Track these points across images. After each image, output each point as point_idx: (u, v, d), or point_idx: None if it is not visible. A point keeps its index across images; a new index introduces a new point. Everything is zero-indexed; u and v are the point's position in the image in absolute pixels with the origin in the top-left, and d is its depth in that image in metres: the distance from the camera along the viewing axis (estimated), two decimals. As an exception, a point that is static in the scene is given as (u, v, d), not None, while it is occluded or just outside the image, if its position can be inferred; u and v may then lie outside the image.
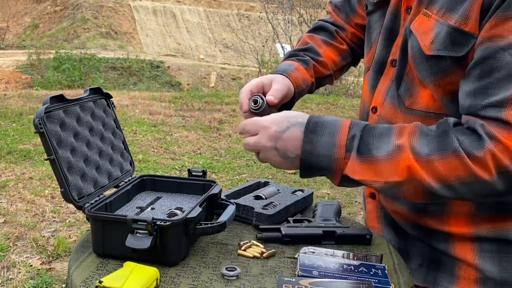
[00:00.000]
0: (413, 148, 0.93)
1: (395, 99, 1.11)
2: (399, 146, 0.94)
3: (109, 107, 1.29)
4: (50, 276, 3.01)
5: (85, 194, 1.09)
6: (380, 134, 0.97)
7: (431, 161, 0.91)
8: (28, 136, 5.95)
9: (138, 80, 16.72)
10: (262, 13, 15.94)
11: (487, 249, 1.09)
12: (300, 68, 1.27)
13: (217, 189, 1.20)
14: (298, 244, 1.13)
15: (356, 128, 0.98)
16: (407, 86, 1.08)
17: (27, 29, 24.09)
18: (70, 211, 3.96)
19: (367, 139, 0.97)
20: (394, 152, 0.94)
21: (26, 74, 14.95)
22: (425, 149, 0.92)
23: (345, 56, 1.37)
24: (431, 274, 1.16)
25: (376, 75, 1.17)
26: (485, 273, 1.09)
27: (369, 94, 1.19)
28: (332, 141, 0.97)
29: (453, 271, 1.12)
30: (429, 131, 0.95)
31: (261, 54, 15.33)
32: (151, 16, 24.73)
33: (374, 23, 1.20)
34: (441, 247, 1.13)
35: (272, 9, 14.82)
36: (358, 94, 10.68)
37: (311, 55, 1.31)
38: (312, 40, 1.35)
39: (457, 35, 0.96)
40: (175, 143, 6.16)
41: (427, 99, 1.05)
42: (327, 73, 1.34)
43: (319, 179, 5.00)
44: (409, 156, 0.92)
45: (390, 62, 1.13)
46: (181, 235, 1.01)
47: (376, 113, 1.15)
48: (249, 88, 1.16)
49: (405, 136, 0.95)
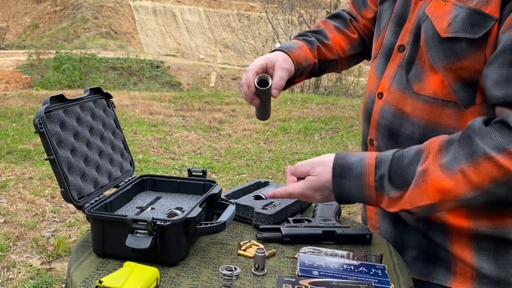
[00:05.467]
0: (441, 166, 0.93)
1: (402, 84, 1.11)
2: (423, 171, 0.95)
3: (109, 107, 1.29)
4: (50, 276, 3.01)
5: (85, 194, 1.09)
6: (408, 164, 0.98)
7: (463, 171, 0.91)
8: (28, 136, 5.95)
9: (138, 80, 16.72)
10: (262, 13, 15.95)
11: (485, 247, 1.08)
12: (303, 47, 1.30)
13: (217, 189, 1.20)
14: (298, 244, 1.13)
15: (383, 167, 0.99)
16: (417, 71, 1.08)
17: (27, 29, 24.09)
18: (70, 211, 3.96)
19: (395, 175, 0.98)
20: (419, 179, 0.95)
21: (26, 74, 14.95)
22: (453, 163, 0.92)
23: (355, 45, 1.39)
24: (426, 267, 1.16)
25: (384, 61, 1.18)
26: (482, 271, 1.09)
27: (376, 80, 1.20)
28: (360, 184, 1.01)
29: (449, 266, 1.12)
30: (454, 142, 0.94)
31: (261, 54, 15.32)
32: (151, 16, 24.72)
33: (384, 11, 1.22)
34: (439, 241, 1.13)
35: (272, 9, 14.82)
36: (358, 94, 10.68)
37: (319, 37, 1.35)
38: (325, 25, 1.39)
39: (476, 17, 0.96)
40: (175, 143, 6.16)
41: (436, 85, 1.05)
42: (332, 57, 1.36)
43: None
44: (437, 177, 0.93)
45: (398, 48, 1.14)
46: (181, 235, 1.01)
47: (382, 99, 1.16)
48: (255, 70, 1.19)
49: (431, 157, 0.95)
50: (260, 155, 5.84)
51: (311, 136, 6.84)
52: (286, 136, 6.72)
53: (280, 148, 6.13)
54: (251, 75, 1.18)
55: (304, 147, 6.27)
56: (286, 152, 5.98)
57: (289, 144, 6.35)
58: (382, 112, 1.15)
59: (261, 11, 16.20)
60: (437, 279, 1.14)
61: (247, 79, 1.18)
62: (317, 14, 13.16)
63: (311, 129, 7.18)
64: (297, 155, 5.84)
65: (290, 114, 7.78)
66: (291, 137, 6.69)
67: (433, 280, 1.14)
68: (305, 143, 6.48)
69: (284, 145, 6.30)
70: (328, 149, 6.13)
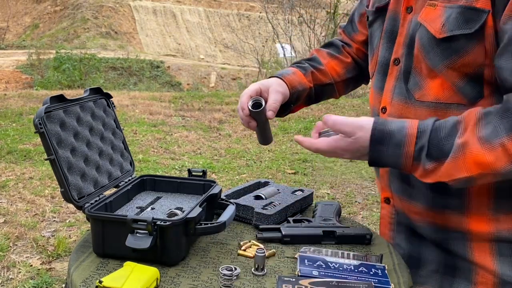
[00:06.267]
0: (480, 139, 0.94)
1: (403, 95, 1.13)
2: (462, 144, 0.95)
3: (109, 107, 1.29)
4: (50, 276, 3.01)
5: (85, 194, 1.09)
6: (445, 136, 0.98)
7: (503, 145, 0.91)
8: (28, 136, 5.95)
9: (138, 80, 16.73)
10: (262, 13, 15.96)
11: (506, 253, 1.08)
12: (297, 72, 1.35)
13: (217, 189, 1.20)
14: (298, 244, 1.13)
15: (424, 138, 0.99)
16: (415, 80, 1.10)
17: (27, 29, 24.10)
18: (70, 211, 3.96)
19: (433, 147, 0.98)
20: (458, 152, 0.95)
21: (26, 74, 14.96)
22: (493, 136, 0.93)
23: (349, 69, 1.43)
24: (446, 280, 1.15)
25: (382, 77, 1.20)
26: (504, 278, 1.08)
27: (377, 96, 1.22)
28: (399, 153, 1.00)
29: (469, 277, 1.12)
30: (491, 114, 0.95)
31: (261, 54, 15.34)
32: (151, 16, 24.73)
33: (375, 32, 1.26)
34: (459, 251, 1.13)
35: (272, 9, 14.83)
36: (358, 94, 10.67)
37: (313, 63, 1.40)
38: (318, 53, 1.45)
39: (469, 13, 0.99)
40: (175, 143, 6.16)
41: (436, 90, 1.07)
42: (327, 81, 1.40)
43: (319, 179, 5.01)
44: (476, 150, 0.93)
45: (393, 61, 1.17)
46: (181, 235, 1.01)
47: (386, 113, 1.17)
48: (248, 94, 1.22)
49: (469, 129, 0.96)
50: (260, 155, 5.83)
51: (311, 136, 6.83)
52: (286, 136, 6.71)
53: (280, 148, 6.13)
54: (245, 98, 1.21)
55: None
56: (286, 152, 5.98)
57: (289, 144, 6.35)
58: None
59: (261, 11, 16.21)
60: None
61: (241, 102, 1.22)
62: (317, 14, 13.16)
63: (311, 129, 7.18)
64: (297, 155, 5.84)
65: (290, 114, 7.77)
66: (291, 137, 6.69)
67: None
68: (305, 143, 6.46)
69: (284, 145, 6.30)
70: (328, 149, 6.12)
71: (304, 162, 5.58)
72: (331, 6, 12.46)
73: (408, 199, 1.18)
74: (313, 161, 5.62)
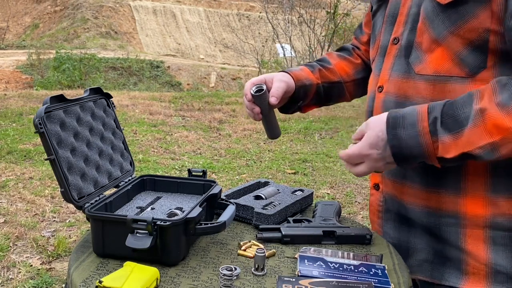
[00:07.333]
0: (498, 105, 0.94)
1: (403, 69, 1.14)
2: (481, 109, 0.95)
3: (109, 107, 1.29)
4: (50, 276, 3.01)
5: (85, 194, 1.09)
6: (461, 106, 0.98)
7: None
8: (28, 136, 5.95)
9: (138, 80, 16.72)
10: (262, 13, 15.94)
11: (500, 242, 1.07)
12: (304, 69, 1.38)
13: (217, 189, 1.20)
14: (298, 244, 1.13)
15: (435, 110, 1.00)
16: (417, 53, 1.11)
17: (27, 29, 24.09)
18: (70, 211, 3.96)
19: (448, 117, 0.98)
20: (477, 118, 0.95)
21: (26, 74, 14.95)
22: (510, 101, 0.93)
23: (359, 69, 1.45)
24: (437, 270, 1.14)
25: (381, 59, 1.22)
26: (496, 268, 1.07)
27: (375, 78, 1.23)
28: (415, 131, 1.00)
29: (460, 267, 1.11)
30: (506, 82, 0.95)
31: (261, 54, 15.33)
32: (151, 16, 24.72)
33: (377, 19, 1.27)
34: (450, 238, 1.11)
35: (272, 9, 14.81)
36: (358, 94, 10.66)
37: (321, 63, 1.43)
38: (329, 55, 1.49)
39: None
40: (175, 143, 6.17)
41: (436, 62, 1.07)
42: (336, 80, 1.41)
43: (319, 179, 5.01)
44: (496, 114, 0.93)
45: (392, 41, 1.18)
46: (181, 235, 1.01)
47: (382, 91, 1.18)
48: (253, 81, 1.27)
49: (486, 97, 0.96)
50: (260, 155, 5.84)
51: (311, 136, 6.84)
52: (286, 136, 6.72)
53: (280, 148, 6.13)
54: (248, 85, 1.26)
55: (304, 147, 6.27)
56: (286, 152, 5.98)
57: (289, 144, 6.36)
58: (384, 104, 1.16)
59: (261, 11, 16.19)
60: (449, 281, 1.12)
61: (245, 89, 1.27)
62: (317, 14, 13.16)
63: (311, 129, 7.18)
64: (297, 155, 5.85)
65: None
66: (291, 137, 6.69)
67: (445, 282, 1.13)
68: (305, 143, 6.48)
69: (284, 145, 6.30)
70: (328, 149, 6.13)
71: (304, 162, 5.59)
72: (331, 6, 12.45)
73: (401, 180, 1.17)
74: (313, 161, 5.62)
